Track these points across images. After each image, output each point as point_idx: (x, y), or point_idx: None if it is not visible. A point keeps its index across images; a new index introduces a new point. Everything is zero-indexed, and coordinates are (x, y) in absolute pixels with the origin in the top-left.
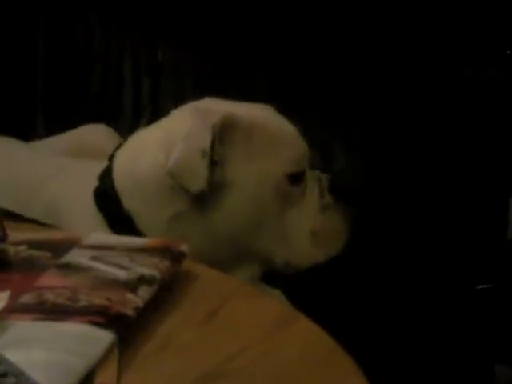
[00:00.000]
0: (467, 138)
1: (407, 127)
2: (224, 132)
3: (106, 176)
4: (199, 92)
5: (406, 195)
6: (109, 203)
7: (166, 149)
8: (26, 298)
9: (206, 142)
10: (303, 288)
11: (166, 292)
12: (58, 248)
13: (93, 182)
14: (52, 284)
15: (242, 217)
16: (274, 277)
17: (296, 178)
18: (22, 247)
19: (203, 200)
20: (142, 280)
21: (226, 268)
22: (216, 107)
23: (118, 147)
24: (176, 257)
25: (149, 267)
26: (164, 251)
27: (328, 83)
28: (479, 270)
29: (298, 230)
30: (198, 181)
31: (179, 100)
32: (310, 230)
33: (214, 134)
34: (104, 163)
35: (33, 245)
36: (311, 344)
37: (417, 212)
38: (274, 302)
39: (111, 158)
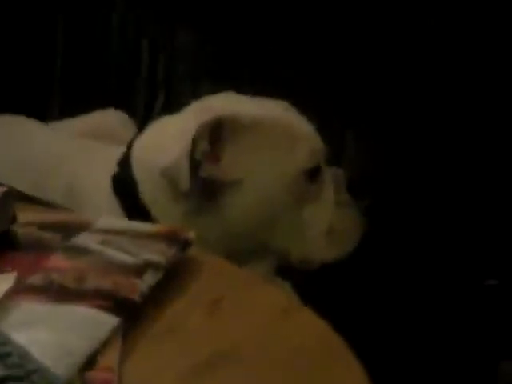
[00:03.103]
0: (480, 127)
1: (418, 115)
2: (218, 131)
3: (125, 163)
4: (214, 77)
5: (416, 184)
6: (126, 191)
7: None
8: (33, 280)
9: (188, 141)
10: (316, 285)
11: (172, 279)
12: (68, 230)
13: (111, 168)
14: (60, 266)
15: (255, 214)
16: (287, 272)
17: (312, 174)
18: (32, 228)
19: (215, 197)
20: (149, 266)
21: (242, 262)
22: (220, 105)
23: (137, 134)
24: (183, 244)
25: (155, 253)
26: (171, 238)
27: (339, 71)
28: (487, 265)
29: (314, 227)
30: (183, 181)
31: (193, 83)
32: (325, 227)
33: (198, 134)
34: (122, 149)
35: (43, 226)
36: (314, 336)
37: (426, 203)
38: (280, 292)
39: (130, 144)
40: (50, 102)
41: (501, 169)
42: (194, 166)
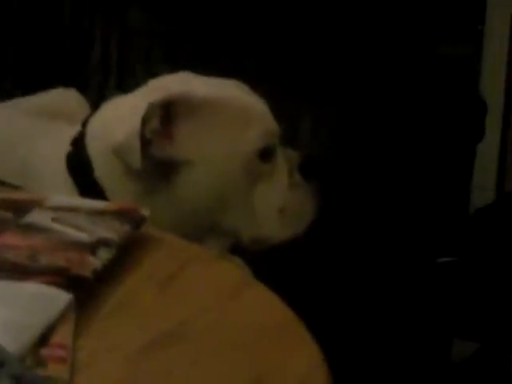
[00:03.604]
0: (434, 111)
1: (374, 100)
2: (170, 110)
3: (79, 142)
4: (166, 57)
5: (369, 165)
6: (80, 169)
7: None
8: None
9: (138, 120)
10: (268, 264)
11: (126, 255)
12: (21, 208)
13: (65, 146)
14: (12, 243)
15: (207, 193)
16: (241, 252)
17: (265, 155)
18: None
19: (168, 176)
20: (101, 243)
21: (195, 241)
22: (173, 84)
23: (92, 113)
24: (136, 221)
25: (108, 230)
26: (124, 215)
27: (295, 56)
28: (439, 243)
29: (266, 207)
30: (134, 159)
31: (146, 63)
32: (277, 208)
33: (148, 112)
34: (76, 128)
35: None
36: (267, 312)
37: (378, 183)
38: (233, 268)
39: (84, 123)
40: (2, 80)
41: (451, 150)
42: (146, 144)
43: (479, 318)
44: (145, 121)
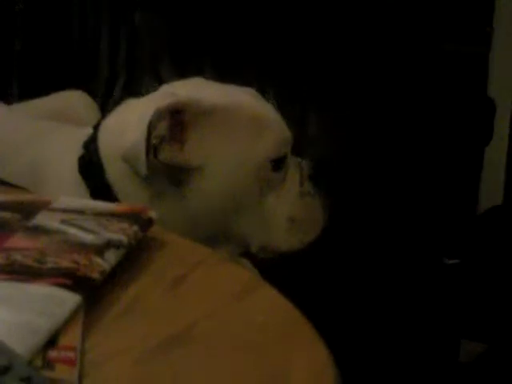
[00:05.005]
0: (442, 112)
1: (381, 102)
2: (180, 116)
3: (92, 145)
4: (174, 58)
5: (378, 167)
6: (92, 172)
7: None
8: None
9: (145, 127)
10: (277, 265)
11: (134, 258)
12: (28, 210)
13: (76, 149)
14: (21, 245)
15: (217, 200)
16: (249, 257)
17: (277, 163)
18: None
19: (181, 181)
20: (110, 244)
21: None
22: (184, 90)
23: (105, 116)
24: (144, 222)
25: (117, 232)
26: (132, 217)
27: (302, 53)
28: (446, 244)
29: (276, 216)
30: (141, 166)
31: (154, 64)
32: (287, 217)
33: (155, 118)
34: (88, 130)
35: (2, 206)
36: (275, 312)
37: (387, 184)
38: (241, 270)
39: (96, 126)
40: (10, 83)
41: (459, 151)
42: (153, 150)
43: (487, 319)
44: (151, 127)
